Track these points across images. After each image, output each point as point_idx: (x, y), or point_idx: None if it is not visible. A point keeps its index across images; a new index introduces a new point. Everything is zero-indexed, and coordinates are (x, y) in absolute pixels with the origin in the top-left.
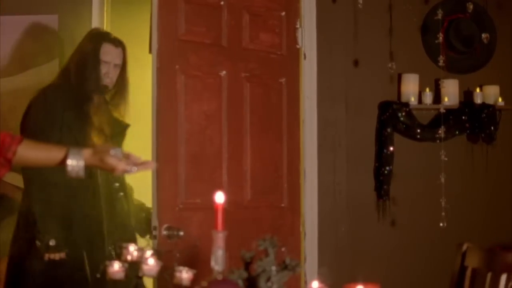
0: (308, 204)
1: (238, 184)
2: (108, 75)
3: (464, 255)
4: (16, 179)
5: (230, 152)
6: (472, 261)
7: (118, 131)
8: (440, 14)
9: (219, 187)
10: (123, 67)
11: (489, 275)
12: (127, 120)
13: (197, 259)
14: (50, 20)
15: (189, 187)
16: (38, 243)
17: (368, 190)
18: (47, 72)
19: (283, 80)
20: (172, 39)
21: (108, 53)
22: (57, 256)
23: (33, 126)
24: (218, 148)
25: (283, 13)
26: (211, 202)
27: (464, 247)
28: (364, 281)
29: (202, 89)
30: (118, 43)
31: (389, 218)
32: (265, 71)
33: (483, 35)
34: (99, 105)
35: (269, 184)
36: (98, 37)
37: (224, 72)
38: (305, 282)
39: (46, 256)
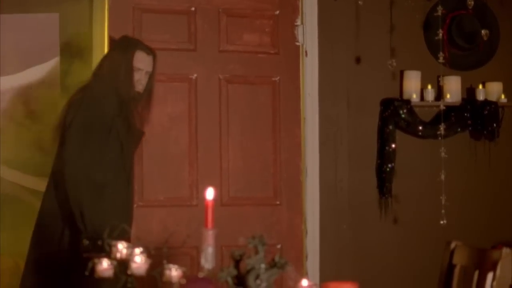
0: (310, 201)
1: (215, 183)
2: (141, 81)
3: (452, 253)
4: (23, 180)
5: (204, 151)
6: (460, 259)
7: (138, 138)
8: (442, 11)
9: (186, 185)
10: (151, 75)
11: (476, 273)
12: None
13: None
14: (51, 18)
15: (149, 186)
16: (85, 241)
17: (370, 188)
18: (48, 70)
19: (277, 78)
20: None
21: (141, 60)
22: (96, 255)
23: (83, 126)
24: (185, 148)
25: (277, 12)
26: (174, 199)
27: (453, 245)
28: (366, 279)
29: (165, 93)
30: (149, 51)
31: (391, 215)
32: (251, 71)
33: (483, 32)
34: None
35: (256, 182)
36: (132, 45)
37: (195, 75)
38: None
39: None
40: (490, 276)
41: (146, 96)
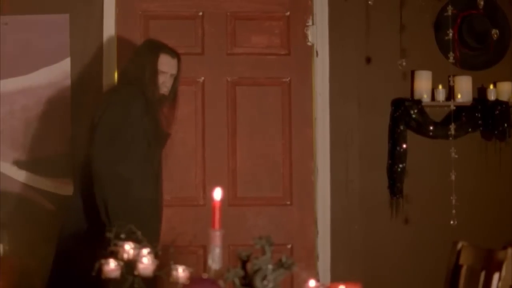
0: (321, 202)
1: (223, 183)
2: (165, 84)
3: (459, 254)
4: (33, 181)
5: (212, 152)
6: (467, 260)
7: (164, 140)
8: (452, 10)
9: (194, 186)
10: (176, 77)
11: (482, 273)
12: None
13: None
14: (61, 19)
15: None
16: (109, 234)
17: (381, 188)
18: (58, 71)
19: (287, 79)
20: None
21: (166, 64)
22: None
23: (111, 124)
24: (193, 149)
25: (288, 13)
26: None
27: (459, 245)
28: (377, 279)
29: None
30: (174, 54)
31: (402, 216)
32: (259, 72)
33: (493, 31)
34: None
35: (265, 182)
36: (157, 48)
37: (202, 78)
38: (318, 280)
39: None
40: (496, 276)
41: (172, 98)
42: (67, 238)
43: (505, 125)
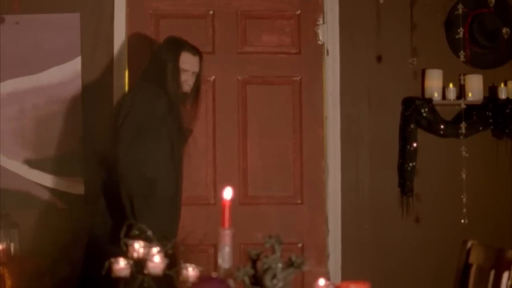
0: (331, 201)
1: (233, 182)
2: (188, 82)
3: (468, 253)
4: (44, 179)
5: (222, 151)
6: (477, 259)
7: (186, 136)
8: (463, 9)
9: (204, 184)
10: (198, 75)
11: (492, 272)
12: None
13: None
14: (72, 18)
15: None
16: (135, 232)
17: (391, 187)
18: (69, 70)
19: (298, 78)
20: (145, 52)
21: (188, 61)
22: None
23: (135, 124)
24: (204, 147)
25: (298, 12)
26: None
27: (469, 244)
28: (388, 278)
29: None
30: (195, 52)
31: (412, 215)
32: (270, 71)
33: (504, 29)
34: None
35: (276, 181)
36: (178, 46)
37: (213, 77)
38: (329, 279)
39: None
40: (506, 275)
41: (194, 95)
42: (95, 240)
43: None
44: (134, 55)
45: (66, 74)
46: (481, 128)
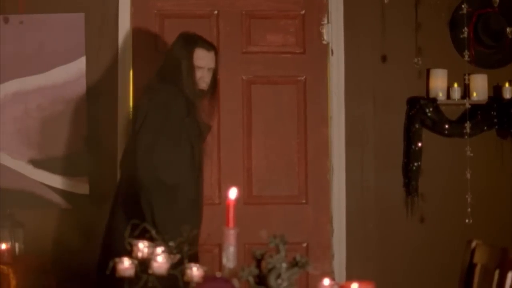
0: (336, 200)
1: (238, 182)
2: (204, 79)
3: (473, 252)
4: (49, 179)
5: (227, 151)
6: (481, 258)
7: (205, 133)
8: (467, 9)
9: (209, 184)
10: (214, 70)
11: (496, 272)
12: None
13: None
14: (77, 18)
15: None
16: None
17: (396, 187)
18: (74, 70)
19: (302, 77)
20: (150, 52)
21: (202, 58)
22: (175, 258)
23: (153, 130)
24: (208, 147)
25: (303, 11)
26: None
27: (473, 244)
28: (392, 278)
29: None
30: (210, 47)
31: (417, 214)
32: (275, 71)
33: (508, 29)
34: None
35: (281, 181)
36: (191, 43)
37: (217, 76)
38: (334, 279)
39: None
40: (510, 275)
41: (211, 91)
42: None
43: None
44: (138, 55)
45: (71, 74)
46: (485, 127)
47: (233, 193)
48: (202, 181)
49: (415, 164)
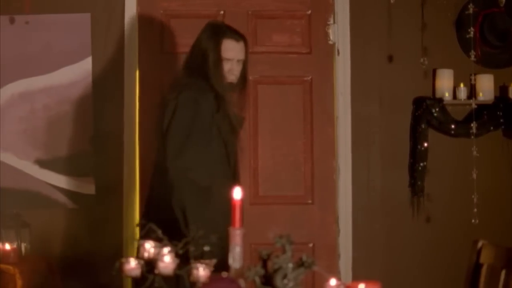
0: (342, 200)
1: (244, 182)
2: (233, 72)
3: (479, 252)
4: (55, 179)
5: None
6: (487, 258)
7: (239, 125)
8: (473, 8)
9: None
10: (245, 61)
11: (503, 272)
12: None
13: None
14: (83, 18)
15: None
16: (192, 248)
17: (402, 187)
18: (80, 70)
19: (309, 78)
20: (156, 52)
21: (230, 49)
22: (210, 262)
23: (182, 128)
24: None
25: (309, 12)
26: None
27: (479, 244)
28: (398, 278)
29: None
30: (239, 38)
31: (423, 214)
32: (281, 71)
33: None
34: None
35: (287, 181)
36: (218, 33)
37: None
38: (340, 279)
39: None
40: None
41: (241, 83)
42: None
43: None
44: (144, 55)
45: (77, 74)
46: (492, 128)
47: (237, 193)
48: (238, 179)
49: (421, 164)
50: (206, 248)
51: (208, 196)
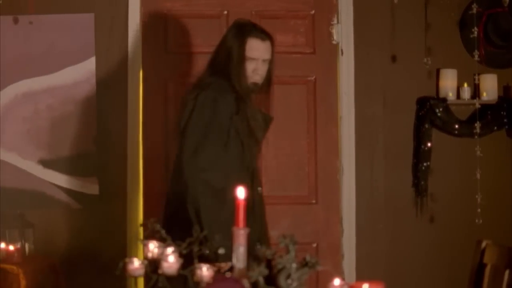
0: (346, 200)
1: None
2: (257, 71)
3: (483, 252)
4: (59, 179)
5: None
6: (491, 258)
7: (265, 126)
8: (477, 8)
9: None
10: (271, 61)
11: (506, 272)
12: None
13: None
14: (86, 18)
15: None
16: (206, 251)
17: (406, 187)
18: (84, 70)
19: (312, 78)
20: (159, 52)
21: (255, 49)
22: (226, 265)
23: (199, 129)
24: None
25: (313, 12)
26: None
27: (483, 244)
28: (402, 278)
29: None
30: (265, 37)
31: (427, 214)
32: (284, 71)
33: None
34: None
35: (290, 181)
36: (243, 32)
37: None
38: (343, 279)
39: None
40: None
41: (267, 85)
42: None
43: None
44: (148, 55)
45: (81, 74)
46: (495, 127)
47: (241, 192)
48: (257, 183)
49: (425, 164)
50: (221, 251)
51: (223, 198)
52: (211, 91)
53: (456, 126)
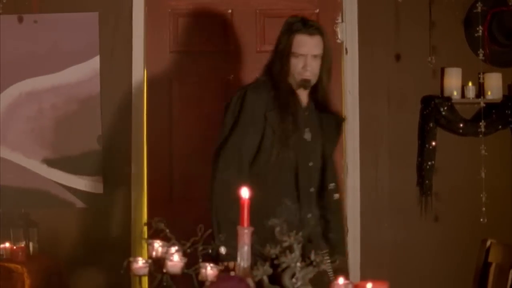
0: (350, 200)
1: None
2: (307, 68)
3: (488, 251)
4: (63, 178)
5: None
6: (496, 257)
7: (332, 127)
8: (482, 7)
9: None
10: (323, 57)
11: (511, 271)
12: None
13: None
14: (91, 17)
15: (183, 183)
16: (210, 248)
17: (410, 186)
18: (88, 69)
19: None
20: (164, 51)
21: (303, 44)
22: (230, 265)
23: (229, 126)
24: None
25: (317, 10)
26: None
27: (488, 243)
28: (407, 277)
29: (202, 94)
30: (313, 31)
31: (431, 213)
32: None
33: None
34: (302, 101)
35: None
36: (291, 28)
37: (232, 76)
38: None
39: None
40: None
41: (325, 79)
42: None
43: None
44: (152, 54)
45: (85, 73)
46: (500, 126)
47: (245, 192)
48: (313, 181)
49: (429, 163)
50: (222, 250)
51: (236, 196)
52: (246, 89)
53: (461, 125)
